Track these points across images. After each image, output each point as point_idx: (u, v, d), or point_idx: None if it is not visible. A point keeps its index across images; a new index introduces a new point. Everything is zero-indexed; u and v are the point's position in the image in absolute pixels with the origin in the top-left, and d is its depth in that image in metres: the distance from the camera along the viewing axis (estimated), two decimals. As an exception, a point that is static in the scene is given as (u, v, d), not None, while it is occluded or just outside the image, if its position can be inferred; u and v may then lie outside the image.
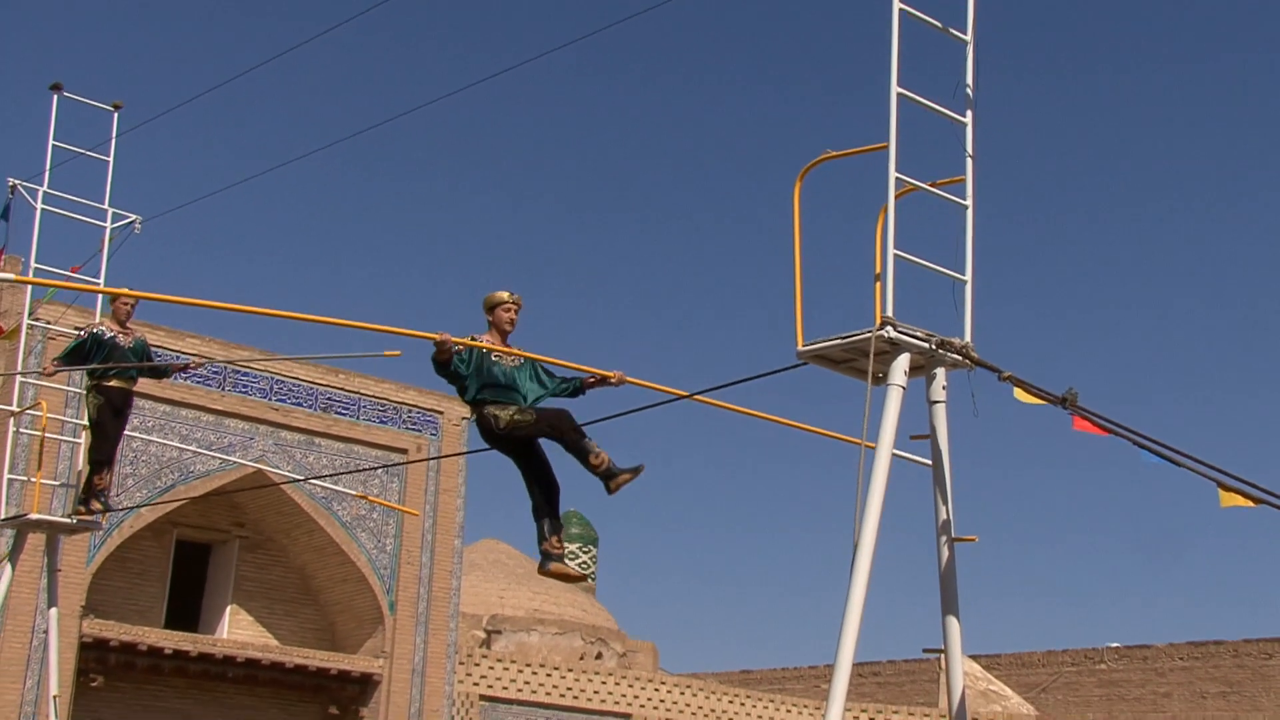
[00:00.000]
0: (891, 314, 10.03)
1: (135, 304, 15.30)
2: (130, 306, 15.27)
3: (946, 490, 10.45)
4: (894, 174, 10.26)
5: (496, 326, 10.97)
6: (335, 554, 30.30)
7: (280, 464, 28.94)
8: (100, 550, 27.13)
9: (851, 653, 9.47)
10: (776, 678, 49.68)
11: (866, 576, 9.57)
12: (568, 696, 33.54)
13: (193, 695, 29.21)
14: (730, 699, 36.41)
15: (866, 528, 9.64)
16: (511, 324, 10.99)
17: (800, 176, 10.74)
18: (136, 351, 15.31)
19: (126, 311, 15.26)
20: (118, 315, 15.23)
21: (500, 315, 10.97)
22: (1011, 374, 10.11)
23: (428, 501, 31.07)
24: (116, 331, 15.18)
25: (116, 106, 18.26)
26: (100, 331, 15.09)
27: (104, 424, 15.31)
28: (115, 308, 15.19)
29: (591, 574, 45.44)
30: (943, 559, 10.43)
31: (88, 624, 26.96)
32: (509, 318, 10.97)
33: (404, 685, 30.41)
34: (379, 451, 30.62)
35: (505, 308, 10.98)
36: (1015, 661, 47.01)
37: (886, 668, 47.21)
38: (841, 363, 10.47)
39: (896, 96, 10.36)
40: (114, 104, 18.24)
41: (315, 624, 31.57)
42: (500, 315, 10.97)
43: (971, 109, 10.92)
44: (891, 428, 9.88)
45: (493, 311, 10.99)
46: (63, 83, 17.64)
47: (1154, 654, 44.22)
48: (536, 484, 10.93)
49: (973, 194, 10.75)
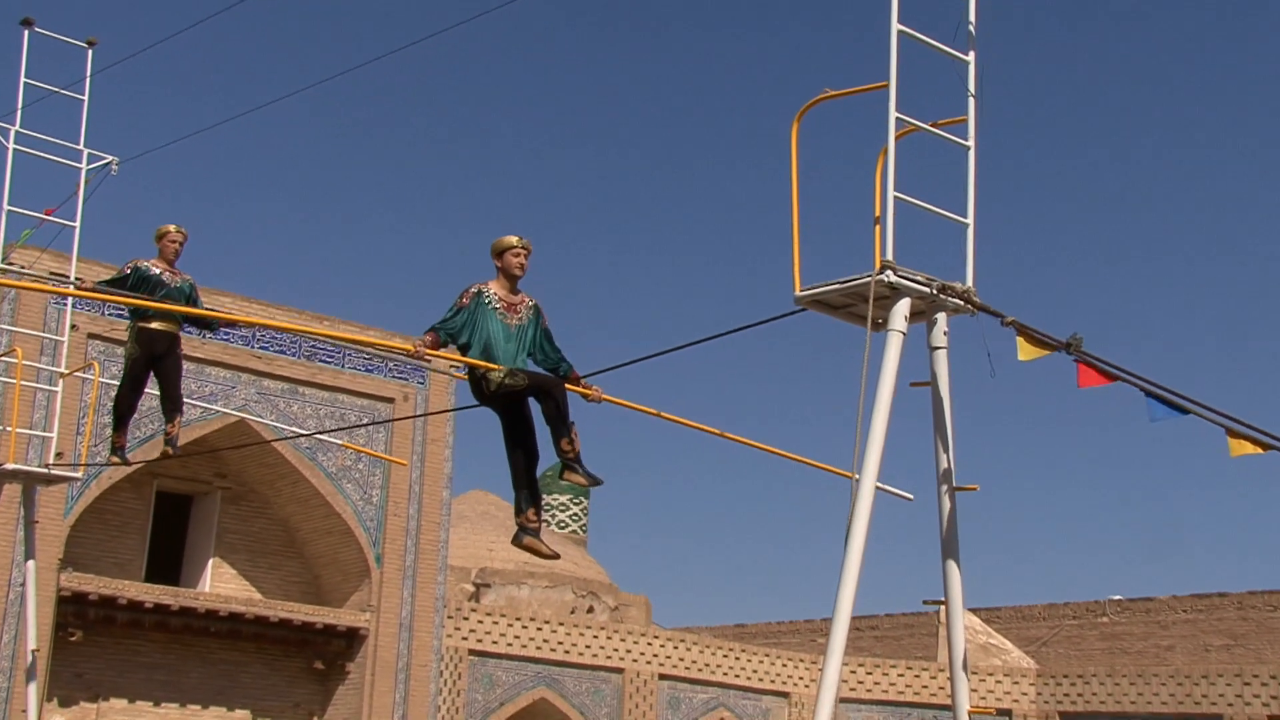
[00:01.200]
0: (892, 258, 9.92)
1: (185, 241, 14.01)
2: (179, 244, 13.99)
3: (948, 438, 10.27)
4: (894, 114, 10.15)
5: (505, 272, 10.73)
6: (320, 505, 29.98)
7: (263, 413, 28.57)
8: (78, 502, 26.76)
9: (850, 605, 9.44)
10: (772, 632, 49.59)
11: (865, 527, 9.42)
12: (559, 651, 33.32)
13: (175, 650, 28.92)
14: (725, 653, 36.24)
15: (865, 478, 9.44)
16: (521, 269, 10.74)
17: (798, 117, 10.56)
18: (184, 293, 13.99)
19: (175, 250, 13.98)
20: (165, 254, 13.95)
21: (509, 260, 10.71)
22: (1015, 319, 9.88)
23: (415, 452, 30.73)
24: (164, 269, 13.93)
25: (91, 43, 17.84)
26: (145, 267, 13.83)
27: (135, 374, 14.24)
28: (163, 245, 13.92)
29: (583, 526, 45.22)
30: (944, 508, 10.25)
31: (66, 577, 26.62)
32: (518, 263, 10.72)
33: (391, 639, 30.14)
34: (365, 400, 30.27)
35: (514, 252, 10.71)
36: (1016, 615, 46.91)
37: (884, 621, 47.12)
38: (840, 308, 10.37)
39: (897, 34, 10.26)
40: (88, 40, 17.83)
41: (300, 577, 31.28)
42: (509, 260, 10.71)
43: (974, 47, 10.71)
44: (891, 374, 9.74)
45: (501, 256, 10.73)
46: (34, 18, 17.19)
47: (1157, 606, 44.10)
48: (519, 449, 10.72)
49: (975, 134, 10.65)
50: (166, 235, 13.89)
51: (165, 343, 14.14)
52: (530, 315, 10.75)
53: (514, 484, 10.81)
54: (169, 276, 13.85)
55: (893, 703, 37.44)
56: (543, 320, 10.82)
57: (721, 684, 35.86)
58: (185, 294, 13.94)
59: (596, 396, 10.89)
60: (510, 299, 10.67)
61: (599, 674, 33.89)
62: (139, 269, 13.77)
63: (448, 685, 31.31)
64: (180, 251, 14.03)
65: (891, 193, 9.92)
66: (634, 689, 34.12)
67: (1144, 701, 36.11)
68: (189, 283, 14.05)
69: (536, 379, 10.50)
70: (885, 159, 10.06)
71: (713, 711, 35.67)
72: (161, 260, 13.91)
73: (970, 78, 10.64)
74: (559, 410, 10.41)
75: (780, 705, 36.97)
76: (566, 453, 10.39)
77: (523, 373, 10.48)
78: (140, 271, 13.77)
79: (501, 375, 10.37)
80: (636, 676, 34.27)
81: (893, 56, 10.11)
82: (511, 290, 10.71)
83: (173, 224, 13.90)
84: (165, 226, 13.85)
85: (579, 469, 10.48)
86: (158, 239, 13.89)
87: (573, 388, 10.72)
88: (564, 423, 10.41)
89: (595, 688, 33.72)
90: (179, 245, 13.96)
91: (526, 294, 10.81)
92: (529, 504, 10.76)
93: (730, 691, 36.04)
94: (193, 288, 14.08)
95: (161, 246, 13.90)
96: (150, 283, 13.72)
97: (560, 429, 10.40)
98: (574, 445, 10.39)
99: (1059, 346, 9.69)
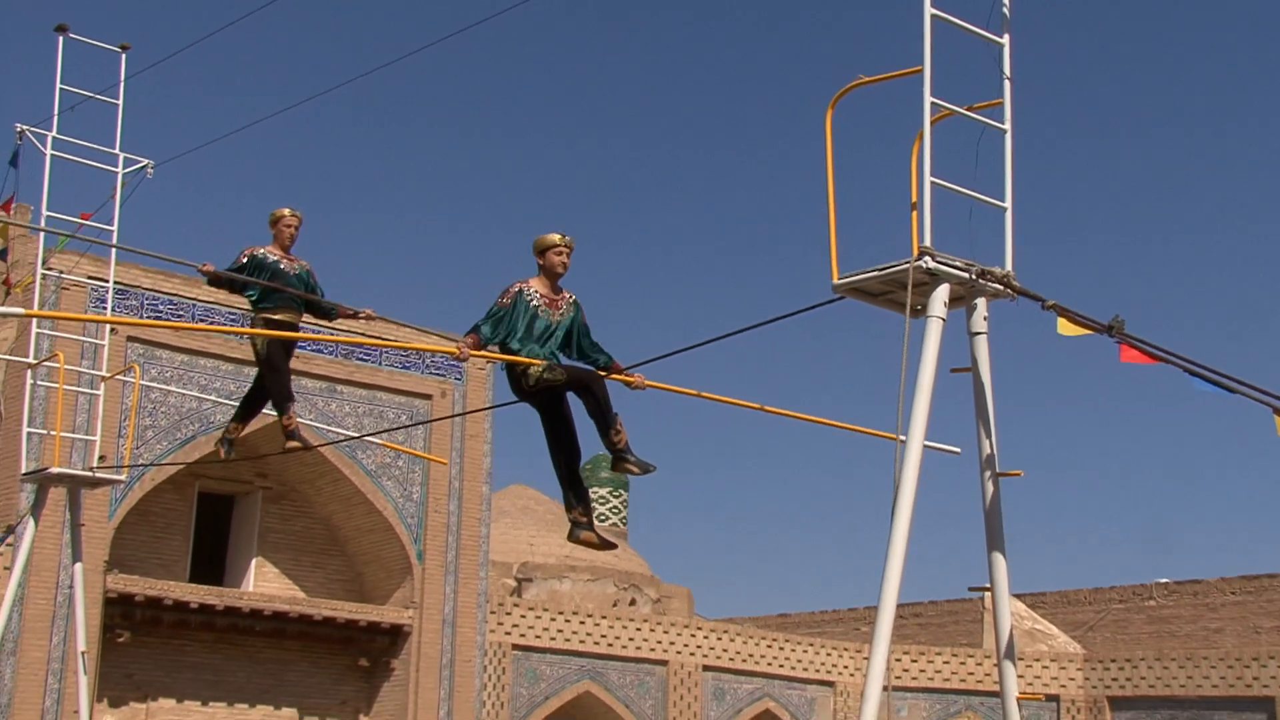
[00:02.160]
0: (929, 244, 9.83)
1: (300, 224, 13.02)
2: (294, 228, 12.98)
3: (990, 424, 10.21)
4: (929, 98, 10.11)
5: (547, 270, 10.70)
6: (361, 503, 30.05)
7: (302, 413, 28.48)
8: (122, 504, 26.90)
9: (895, 593, 9.46)
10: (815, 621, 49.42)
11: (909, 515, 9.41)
12: (601, 644, 33.31)
13: (220, 649, 29.05)
14: (769, 644, 36.17)
15: (908, 467, 9.41)
16: (564, 267, 10.70)
17: (832, 104, 10.55)
18: (304, 280, 12.94)
19: (291, 235, 12.95)
20: (281, 240, 12.91)
21: (551, 258, 10.68)
22: (1055, 302, 9.81)
23: (454, 448, 30.77)
24: (280, 256, 12.83)
25: (124, 48, 17.93)
26: (263, 255, 12.74)
27: (272, 357, 13.04)
28: (278, 230, 12.89)
29: (623, 518, 45.22)
30: (987, 495, 10.19)
31: (112, 579, 26.77)
32: (560, 260, 10.68)
33: (434, 636, 30.21)
34: (402, 398, 30.32)
35: (557, 250, 10.67)
36: (1061, 600, 46.65)
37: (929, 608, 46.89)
38: (879, 295, 10.36)
39: (931, 18, 10.23)
40: (121, 45, 17.92)
41: (342, 575, 31.37)
42: (551, 258, 10.68)
43: (1008, 29, 10.65)
44: (932, 361, 9.71)
45: (543, 255, 10.70)
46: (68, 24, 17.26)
47: (1205, 589, 43.80)
48: (559, 447, 10.76)
49: (1011, 117, 10.60)
50: (281, 219, 12.94)
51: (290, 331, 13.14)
52: (570, 311, 10.73)
53: (560, 481, 10.87)
54: (286, 264, 12.85)
55: (939, 690, 37.30)
56: (582, 316, 10.80)
57: (766, 674, 35.79)
58: (304, 280, 12.95)
59: (639, 383, 10.84)
60: (551, 296, 10.66)
61: (643, 666, 33.88)
62: (255, 257, 12.75)
63: (492, 680, 31.35)
64: (296, 236, 13.05)
65: (928, 178, 9.90)
66: (678, 681, 34.10)
67: (1193, 685, 35.89)
68: (306, 269, 13.03)
69: (575, 373, 10.51)
70: (921, 144, 10.03)
71: (758, 702, 35.61)
72: (277, 246, 12.91)
73: (1005, 60, 10.60)
74: (600, 405, 10.44)
75: (826, 695, 36.90)
76: (615, 444, 10.42)
77: (561, 367, 10.47)
78: (256, 259, 12.73)
79: (540, 370, 10.36)
80: (680, 668, 34.25)
81: (926, 41, 10.09)
82: (553, 288, 10.70)
83: (286, 207, 12.99)
84: (279, 210, 12.96)
85: (630, 458, 10.49)
86: (272, 224, 12.94)
87: (615, 376, 10.70)
88: (607, 416, 10.42)
89: (640, 680, 33.71)
90: (294, 229, 12.98)
91: (568, 290, 10.80)
92: (578, 501, 10.81)
93: (775, 682, 35.97)
94: (310, 274, 13.06)
95: (276, 232, 12.92)
96: (267, 271, 12.73)
97: (605, 423, 10.42)
98: (622, 436, 10.41)
99: (1101, 329, 9.64)
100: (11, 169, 17.67)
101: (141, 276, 27.38)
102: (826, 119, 10.45)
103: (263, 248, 12.83)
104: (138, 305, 27.29)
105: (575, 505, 10.80)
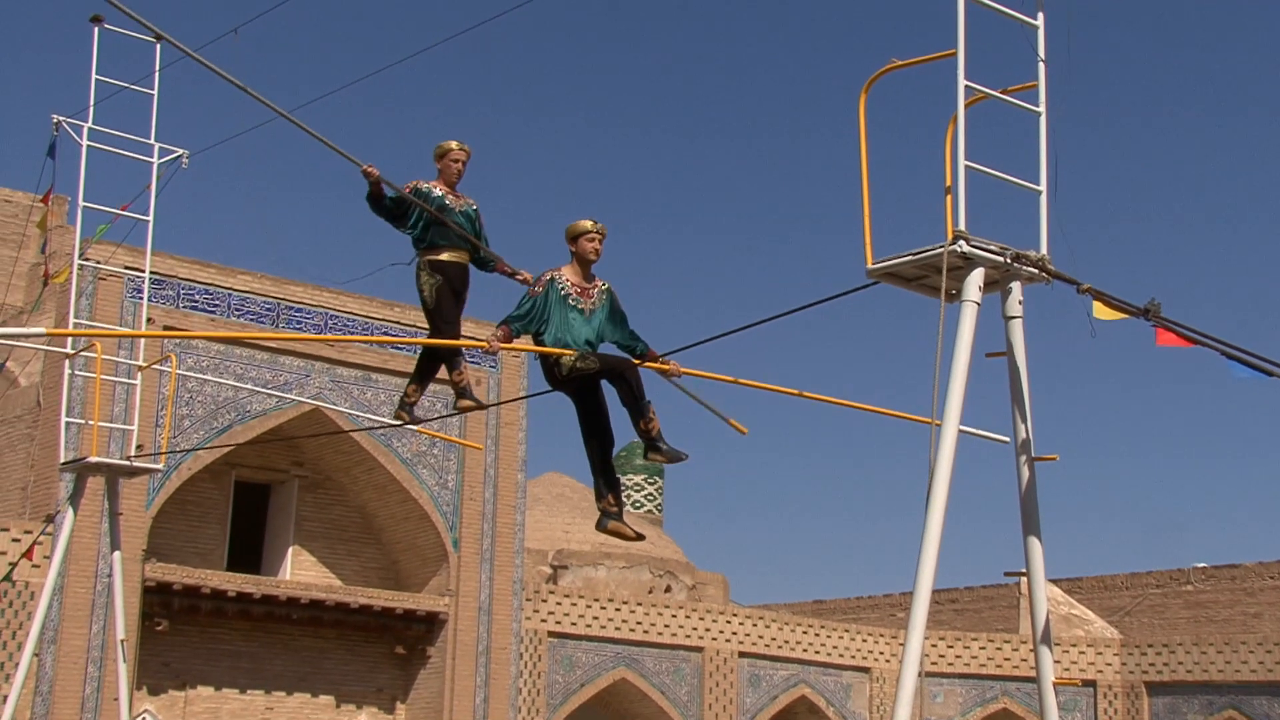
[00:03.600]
0: (964, 228, 9.80)
1: (469, 159, 11.96)
2: (462, 163, 11.93)
3: (1025, 408, 10.16)
4: (963, 82, 10.05)
5: (580, 257, 10.70)
6: (396, 491, 30.14)
7: (337, 401, 28.75)
8: (159, 493, 27.04)
9: (931, 579, 9.43)
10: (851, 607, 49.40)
11: (944, 500, 9.38)
12: (638, 631, 33.37)
13: (258, 638, 29.18)
14: (804, 630, 36.17)
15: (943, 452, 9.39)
16: (596, 254, 10.70)
17: (865, 88, 10.49)
18: (470, 218, 11.89)
19: (458, 170, 11.91)
20: (447, 175, 11.89)
21: (584, 245, 10.67)
22: (1090, 286, 9.75)
23: (489, 435, 30.82)
24: (446, 192, 11.79)
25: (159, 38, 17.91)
26: (427, 189, 11.72)
27: (443, 307, 11.75)
28: (444, 165, 11.87)
29: (658, 505, 45.25)
30: (1023, 479, 10.16)
31: (150, 568, 26.92)
32: (593, 248, 10.68)
33: (470, 623, 30.29)
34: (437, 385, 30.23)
35: (589, 237, 10.66)
36: (1098, 584, 46.48)
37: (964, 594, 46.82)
38: (913, 280, 10.30)
39: (964, 1, 10.08)
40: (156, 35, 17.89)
41: (378, 563, 31.48)
42: (584, 245, 10.67)
43: (1042, 10, 10.57)
44: (967, 345, 9.66)
45: (575, 241, 10.70)
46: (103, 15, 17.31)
47: (1243, 573, 43.56)
48: (593, 436, 10.73)
49: (1045, 100, 10.52)
50: (448, 154, 11.90)
51: (459, 277, 11.88)
52: (604, 299, 10.72)
53: (591, 470, 10.85)
54: (452, 200, 11.80)
55: (975, 676, 37.26)
56: (616, 303, 10.79)
57: (802, 660, 35.81)
58: (471, 219, 11.90)
59: (675, 371, 10.80)
60: (583, 284, 10.66)
61: (679, 653, 33.92)
62: (419, 190, 11.72)
63: (528, 667, 31.43)
64: (463, 172, 11.98)
65: (962, 162, 9.84)
66: (714, 667, 34.13)
67: (1231, 670, 35.74)
68: (473, 207, 11.94)
69: (608, 361, 10.50)
70: (955, 128, 9.98)
71: (794, 688, 35.63)
72: (443, 182, 11.86)
73: (1040, 42, 10.53)
74: (633, 392, 10.44)
75: (861, 680, 36.90)
76: (647, 433, 10.42)
77: (594, 355, 10.47)
78: (421, 192, 11.71)
79: (573, 359, 10.37)
80: (716, 655, 34.28)
81: (960, 23, 10.02)
82: (585, 276, 10.70)
83: (454, 140, 11.96)
84: (446, 143, 11.93)
85: (662, 446, 10.49)
86: (438, 157, 11.91)
87: (649, 365, 10.68)
88: (640, 403, 10.43)
89: (675, 667, 33.76)
90: (462, 165, 11.92)
91: (600, 278, 10.79)
92: (609, 489, 10.77)
93: (811, 668, 35.99)
94: (477, 214, 11.97)
95: (443, 167, 11.89)
96: (432, 205, 11.72)
97: (637, 411, 10.43)
98: (654, 425, 10.41)
99: (1137, 313, 9.58)
100: (49, 160, 17.79)
101: (178, 266, 27.51)
102: (860, 103, 10.41)
103: (427, 182, 11.84)
104: (174, 295, 27.42)
105: (606, 493, 10.77)
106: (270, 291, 28.61)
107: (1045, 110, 10.42)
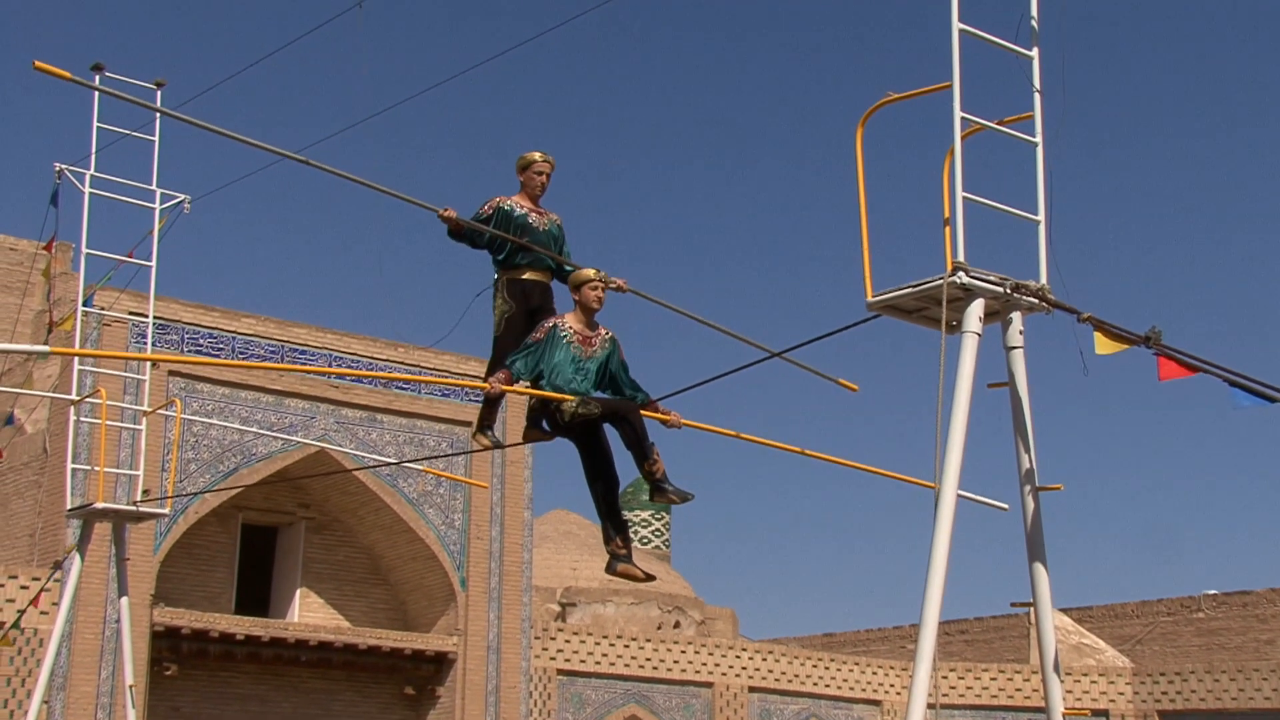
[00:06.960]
0: (963, 259, 9.80)
1: (552, 172, 11.46)
2: (546, 175, 11.42)
3: (1028, 438, 10.16)
4: (959, 113, 10.06)
5: (583, 305, 10.74)
6: (403, 532, 30.13)
7: (342, 442, 28.77)
8: (166, 538, 27.05)
9: (937, 611, 9.38)
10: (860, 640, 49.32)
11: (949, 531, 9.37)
12: (647, 667, 33.30)
13: (267, 680, 29.14)
14: (814, 663, 36.09)
15: (947, 482, 9.37)
16: (599, 302, 10.72)
17: (862, 121, 10.51)
18: (554, 236, 11.44)
19: (542, 184, 11.42)
20: (530, 189, 11.42)
21: (587, 294, 10.72)
22: (1091, 315, 9.77)
23: (495, 474, 30.82)
24: (529, 209, 11.34)
25: (159, 85, 18.05)
26: (510, 207, 11.26)
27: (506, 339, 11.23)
28: (528, 178, 11.40)
29: (665, 541, 45.19)
30: (1028, 509, 10.16)
31: (158, 612, 26.89)
32: (596, 296, 10.71)
33: (479, 662, 30.23)
34: (443, 425, 30.39)
35: (592, 286, 10.71)
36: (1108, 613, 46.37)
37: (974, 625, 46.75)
38: (914, 312, 10.31)
39: (958, 33, 10.16)
40: (156, 82, 18.04)
41: (386, 604, 31.45)
42: (587, 294, 10.72)
43: (1037, 42, 10.60)
44: (968, 377, 9.67)
45: (579, 290, 10.75)
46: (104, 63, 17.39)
47: (1255, 600, 43.45)
48: (598, 478, 10.76)
49: (1042, 130, 10.52)
50: (532, 165, 11.40)
51: (540, 295, 11.43)
52: (606, 348, 10.75)
53: (598, 512, 10.86)
54: (536, 218, 11.37)
55: (986, 707, 37.14)
56: (619, 353, 10.82)
57: (812, 694, 35.71)
58: (555, 237, 11.45)
59: (675, 422, 10.83)
60: (586, 332, 10.69)
61: (689, 689, 33.84)
62: (502, 208, 11.25)
63: (538, 706, 31.36)
64: (547, 185, 11.48)
65: (960, 193, 9.84)
66: (724, 702, 34.05)
67: (1245, 698, 35.61)
68: (557, 224, 11.52)
69: (610, 404, 10.53)
70: (952, 159, 9.98)
71: (805, 722, 35.54)
72: (525, 197, 11.41)
73: (1035, 73, 10.55)
74: (636, 434, 10.44)
75: (873, 713, 36.78)
76: (652, 474, 10.42)
77: (595, 401, 10.49)
78: (503, 211, 11.25)
79: (574, 405, 10.41)
80: (726, 690, 34.20)
81: (955, 56, 10.03)
82: (589, 324, 10.73)
83: (538, 151, 11.44)
84: (530, 155, 11.42)
85: (668, 488, 10.48)
86: (520, 170, 11.42)
87: (650, 414, 10.70)
88: (644, 445, 10.43)
89: (685, 703, 33.68)
90: (546, 177, 11.42)
91: (604, 327, 10.81)
92: (616, 532, 10.76)
93: (822, 702, 35.88)
94: (561, 229, 11.54)
95: (525, 180, 11.41)
96: (515, 225, 11.23)
97: (641, 453, 10.43)
98: (659, 466, 10.41)
99: (1138, 341, 9.58)
100: (52, 208, 17.87)
101: (182, 311, 27.58)
102: (857, 136, 10.44)
103: (510, 198, 11.39)
104: (178, 340, 27.48)
105: (614, 537, 10.75)
106: (274, 334, 28.66)
107: (1042, 140, 10.43)
